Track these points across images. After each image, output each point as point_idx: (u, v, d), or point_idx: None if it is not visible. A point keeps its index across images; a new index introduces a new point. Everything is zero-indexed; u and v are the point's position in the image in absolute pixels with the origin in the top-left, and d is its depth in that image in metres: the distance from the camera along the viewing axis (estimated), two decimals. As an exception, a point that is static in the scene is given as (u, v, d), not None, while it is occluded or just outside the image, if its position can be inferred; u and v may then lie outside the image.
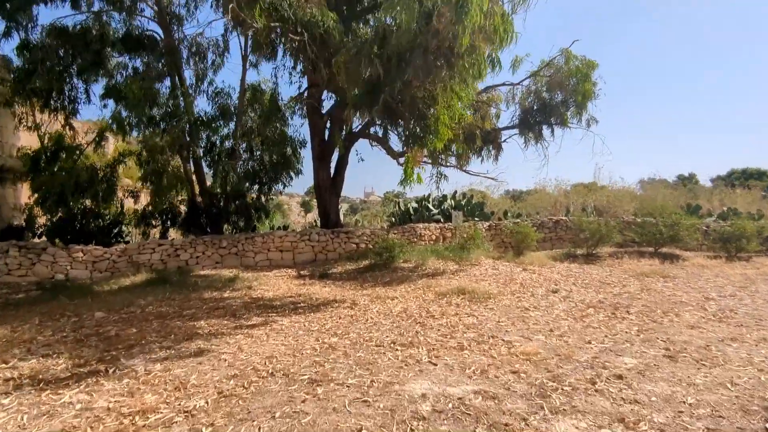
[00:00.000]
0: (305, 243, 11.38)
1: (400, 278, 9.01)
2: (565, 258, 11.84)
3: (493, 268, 9.98)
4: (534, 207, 18.69)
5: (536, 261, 11.02)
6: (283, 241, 11.21)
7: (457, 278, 8.83)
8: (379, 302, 6.89)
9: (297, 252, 11.33)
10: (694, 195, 21.08)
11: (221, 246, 10.87)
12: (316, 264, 11.26)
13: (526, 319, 5.77)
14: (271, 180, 12.78)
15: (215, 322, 5.96)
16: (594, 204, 15.83)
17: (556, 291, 7.38)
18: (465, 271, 9.62)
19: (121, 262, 10.18)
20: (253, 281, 9.23)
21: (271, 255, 11.18)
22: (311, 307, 6.87)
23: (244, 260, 11.03)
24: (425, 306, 6.52)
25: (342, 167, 12.85)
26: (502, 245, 13.45)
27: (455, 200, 15.28)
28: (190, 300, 7.57)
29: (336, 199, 12.79)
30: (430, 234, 12.94)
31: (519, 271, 9.61)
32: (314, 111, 11.87)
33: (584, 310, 6.29)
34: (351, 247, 11.72)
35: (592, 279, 8.72)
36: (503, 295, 7.10)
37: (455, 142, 8.63)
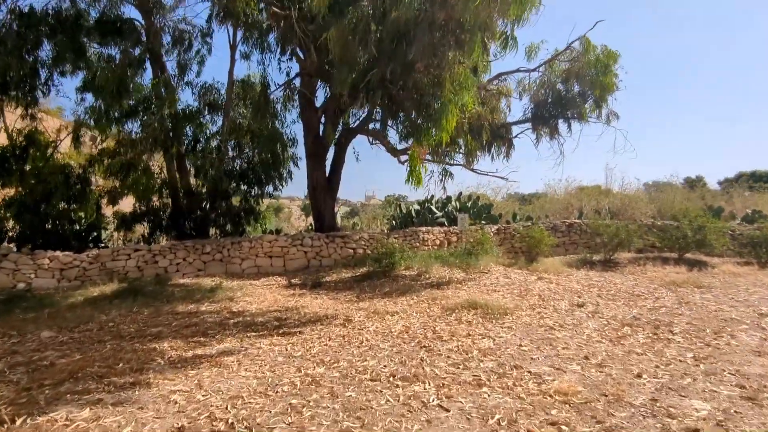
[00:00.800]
0: (297, 248, 10.45)
1: (402, 288, 8.08)
2: (581, 264, 10.91)
3: (504, 276, 9.04)
4: (543, 210, 17.74)
5: (551, 268, 10.09)
6: (272, 247, 10.29)
7: (465, 289, 7.89)
8: (376, 319, 5.95)
9: (288, 258, 10.40)
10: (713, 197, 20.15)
11: (204, 252, 9.94)
12: (308, 271, 10.33)
13: (552, 341, 4.83)
14: (261, 180, 11.87)
15: (180, 345, 5.03)
16: (608, 206, 14.89)
17: (582, 305, 6.43)
18: (474, 280, 8.68)
19: (93, 269, 9.26)
20: (237, 291, 8.30)
21: (260, 261, 10.25)
22: (298, 324, 5.94)
23: (229, 267, 10.10)
24: (431, 324, 5.58)
25: (338, 166, 11.93)
26: (512, 251, 12.51)
27: (460, 202, 14.35)
28: (160, 315, 6.64)
29: (331, 201, 11.87)
30: (433, 238, 12.00)
31: (534, 280, 8.67)
32: (307, 105, 10.97)
33: (619, 329, 5.35)
34: (347, 253, 10.79)
35: (617, 289, 7.78)
36: (521, 310, 6.16)
37: (463, 136, 7.69)
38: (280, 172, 12.05)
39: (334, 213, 12.18)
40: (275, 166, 11.69)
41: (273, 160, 11.56)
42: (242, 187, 11.92)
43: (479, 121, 8.32)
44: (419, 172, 7.52)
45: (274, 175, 11.95)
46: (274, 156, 11.49)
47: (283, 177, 12.43)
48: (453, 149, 8.57)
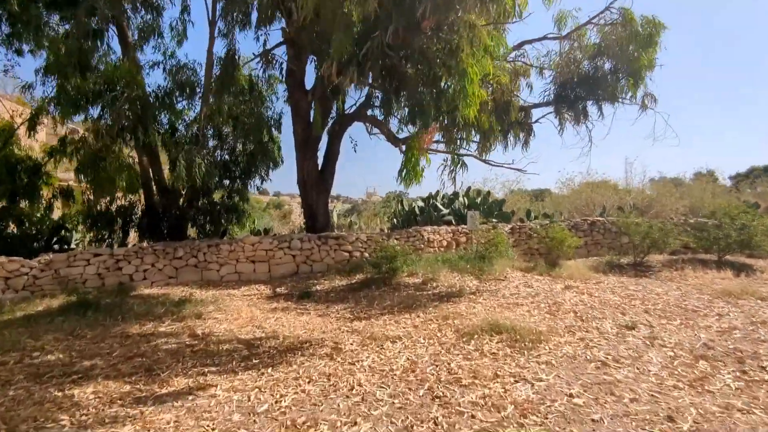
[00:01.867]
0: (284, 252, 9.20)
1: (405, 301, 6.83)
2: (608, 269, 9.66)
3: (525, 284, 7.80)
4: (558, 206, 16.46)
5: (576, 273, 8.85)
6: (255, 250, 9.03)
7: (481, 302, 6.64)
8: (373, 347, 4.70)
9: (274, 263, 9.15)
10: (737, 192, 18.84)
11: (176, 256, 8.69)
12: (297, 278, 9.08)
13: (613, 387, 3.57)
14: (244, 173, 10.59)
15: (110, 390, 3.80)
16: (633, 202, 13.60)
17: (632, 326, 5.17)
18: (490, 290, 7.44)
19: (45, 278, 8.02)
20: (209, 305, 7.05)
21: (241, 267, 9.00)
22: (273, 353, 4.70)
23: (206, 274, 8.86)
24: (444, 357, 4.32)
25: (332, 158, 10.66)
26: (528, 252, 11.26)
27: (469, 198, 13.08)
28: (105, 338, 5.41)
29: (324, 197, 10.61)
30: (440, 239, 10.75)
31: (561, 290, 7.42)
32: (296, 87, 9.68)
33: (693, 364, 4.09)
34: (342, 257, 9.54)
35: (665, 303, 6.51)
36: (558, 335, 4.90)
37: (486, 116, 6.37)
38: (267, 164, 10.76)
39: (328, 211, 10.93)
40: (261, 157, 10.42)
41: (259, 150, 10.28)
42: (224, 181, 10.65)
43: (504, 96, 6.96)
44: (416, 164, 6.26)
45: (260, 167, 10.67)
46: (259, 145, 10.21)
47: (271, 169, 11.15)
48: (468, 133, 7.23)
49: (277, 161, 11.12)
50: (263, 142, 10.32)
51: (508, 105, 7.06)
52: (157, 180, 10.22)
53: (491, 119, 6.65)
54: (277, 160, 11.07)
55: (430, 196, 13.98)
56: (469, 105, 5.01)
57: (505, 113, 7.17)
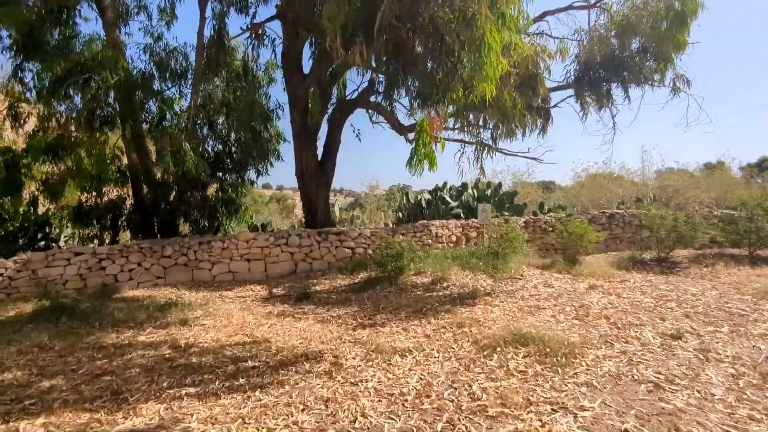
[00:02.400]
0: (281, 249, 8.57)
1: (413, 304, 6.19)
2: (631, 265, 9.02)
3: (545, 284, 7.15)
4: (571, 198, 15.76)
5: (598, 271, 8.20)
6: (250, 247, 8.40)
7: (499, 304, 5.99)
8: (380, 362, 4.06)
9: (270, 261, 8.52)
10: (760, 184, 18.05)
11: (164, 255, 8.08)
12: (296, 277, 8.46)
13: (675, 418, 2.92)
14: (240, 165, 9.94)
15: (63, 422, 3.18)
16: (652, 194, 12.87)
17: (678, 336, 4.50)
18: (507, 290, 6.79)
19: (21, 279, 7.43)
20: (197, 309, 6.44)
21: (235, 266, 8.38)
22: (263, 369, 4.07)
23: (197, 274, 8.24)
24: (464, 377, 3.68)
25: (332, 148, 10.00)
26: (543, 248, 10.60)
27: (478, 189, 12.38)
28: (75, 350, 4.80)
29: (325, 190, 9.95)
30: (449, 234, 10.09)
31: (585, 290, 6.77)
32: (293, 70, 8.99)
33: (763, 385, 3.43)
34: (344, 254, 8.90)
35: (705, 305, 5.84)
36: (594, 347, 4.24)
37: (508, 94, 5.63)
38: (263, 155, 10.11)
39: (329, 204, 10.28)
40: (257, 148, 9.75)
41: (253, 140, 9.61)
42: (218, 174, 10.00)
43: (529, 70, 6.18)
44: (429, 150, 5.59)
45: (256, 159, 10.01)
46: (253, 135, 9.54)
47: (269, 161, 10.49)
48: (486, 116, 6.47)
49: (275, 152, 10.46)
50: (258, 131, 9.66)
51: (535, 80, 6.26)
52: (146, 173, 9.58)
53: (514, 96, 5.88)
54: (274, 151, 10.40)
55: (437, 188, 13.31)
56: (487, 78, 4.30)
57: (531, 90, 6.39)
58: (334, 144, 9.95)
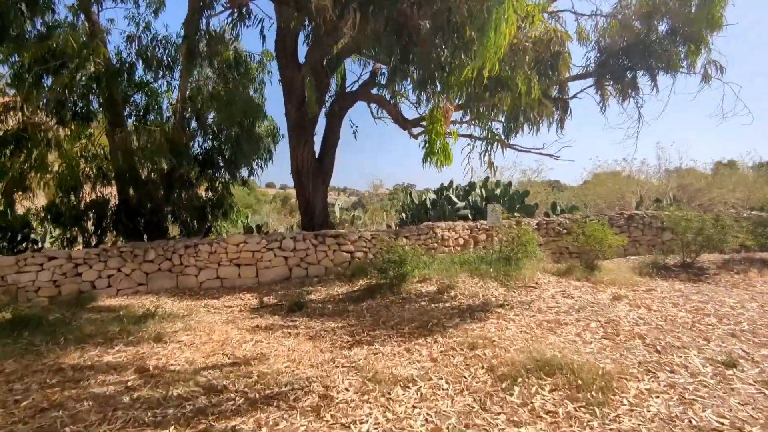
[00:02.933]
0: (274, 253, 7.95)
1: (418, 317, 5.55)
2: (654, 271, 8.38)
3: (563, 293, 6.49)
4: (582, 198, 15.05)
5: (620, 278, 7.56)
6: (240, 251, 7.78)
7: (514, 318, 5.34)
8: (377, 396, 3.42)
9: (262, 266, 7.91)
10: None
11: (147, 259, 7.47)
12: (290, 284, 7.84)
13: (759, 488, 2.25)
14: (231, 163, 9.31)
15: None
16: (672, 194, 12.15)
17: (733, 364, 3.83)
18: (521, 300, 6.14)
19: (-11, 286, 6.83)
20: (177, 321, 5.82)
21: (224, 271, 7.77)
22: (239, 405, 3.44)
23: (182, 280, 7.63)
24: (480, 416, 3.05)
25: (331, 144, 9.37)
26: (557, 252, 9.96)
27: (487, 189, 11.71)
28: (27, 374, 4.19)
29: (323, 189, 9.32)
30: (456, 237, 9.44)
31: (609, 301, 6.11)
32: (288, 59, 8.34)
33: None
34: (342, 258, 8.27)
35: (749, 321, 5.17)
36: (632, 377, 3.58)
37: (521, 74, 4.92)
38: (257, 151, 9.48)
39: (327, 205, 9.65)
40: (249, 144, 9.12)
41: (245, 136, 8.98)
42: (207, 171, 9.37)
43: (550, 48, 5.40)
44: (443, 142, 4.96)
45: (249, 156, 9.38)
46: (245, 130, 8.92)
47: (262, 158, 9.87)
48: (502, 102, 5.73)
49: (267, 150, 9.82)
50: (250, 127, 9.03)
51: (556, 59, 5.48)
52: (130, 170, 8.96)
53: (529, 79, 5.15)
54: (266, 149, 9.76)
55: (442, 187, 12.66)
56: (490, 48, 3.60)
57: (552, 70, 5.62)
58: (332, 139, 9.32)
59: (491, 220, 9.27)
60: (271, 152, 9.95)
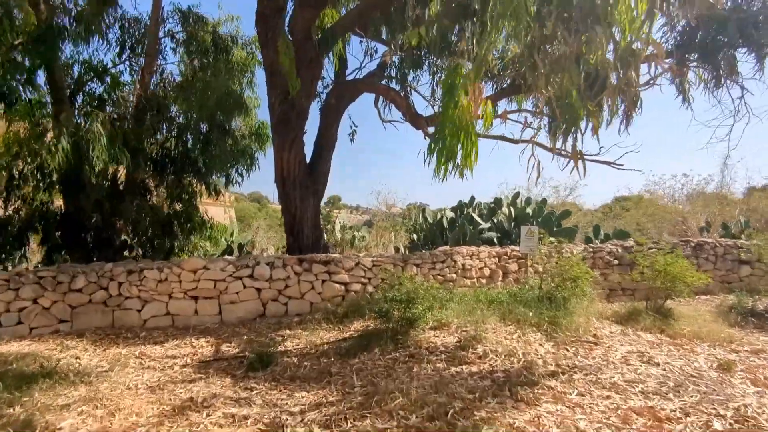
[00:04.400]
0: (244, 282, 6.25)
1: (431, 393, 3.79)
2: (740, 318, 6.54)
3: (639, 355, 4.71)
4: (629, 221, 13.18)
5: (704, 329, 5.80)
6: (198, 279, 6.09)
7: (578, 399, 3.56)
8: None
9: (228, 300, 6.20)
10: None
11: (74, 288, 5.82)
12: (262, 324, 6.12)
13: None
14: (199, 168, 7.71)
15: None
16: (743, 218, 10.24)
17: None
18: (581, 365, 4.35)
19: None
20: (81, 385, 4.14)
21: (177, 306, 6.08)
22: None
23: (120, 317, 5.96)
24: None
25: (326, 145, 7.76)
26: (608, 288, 8.11)
27: (516, 207, 9.93)
28: None
29: (314, 202, 7.65)
30: (480, 266, 7.67)
31: (714, 372, 4.29)
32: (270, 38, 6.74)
33: None
34: (333, 291, 6.54)
35: None
36: None
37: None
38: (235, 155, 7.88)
39: (319, 222, 7.95)
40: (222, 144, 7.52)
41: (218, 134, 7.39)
42: (169, 176, 7.76)
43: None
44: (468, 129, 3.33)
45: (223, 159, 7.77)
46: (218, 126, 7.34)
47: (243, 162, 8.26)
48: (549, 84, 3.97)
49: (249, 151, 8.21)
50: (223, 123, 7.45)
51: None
52: (77, 172, 7.39)
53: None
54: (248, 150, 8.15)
55: (461, 204, 10.93)
56: None
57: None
58: (328, 140, 7.71)
59: (526, 245, 7.48)
60: (252, 156, 8.35)
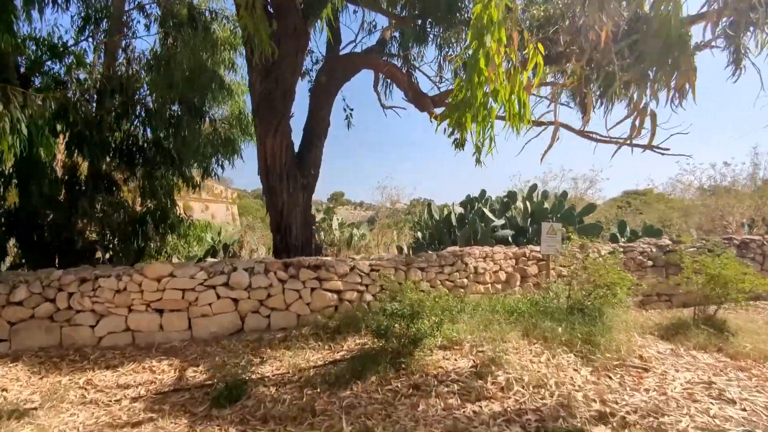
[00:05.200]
0: (218, 292, 5.34)
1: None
2: (808, 331, 5.52)
3: (705, 386, 3.82)
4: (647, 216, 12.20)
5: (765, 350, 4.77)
6: (164, 288, 5.19)
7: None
8: None
9: (199, 313, 5.31)
10: None
11: (13, 300, 4.94)
12: (240, 341, 5.22)
13: None
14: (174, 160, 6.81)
15: None
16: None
17: None
18: (634, 403, 3.43)
19: None
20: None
21: (137, 320, 5.19)
22: None
23: (69, 334, 5.09)
24: None
25: (316, 131, 6.85)
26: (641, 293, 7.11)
27: (532, 202, 8.97)
28: None
29: (304, 196, 6.74)
30: (494, 270, 6.76)
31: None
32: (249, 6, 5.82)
33: None
34: (325, 301, 5.64)
35: None
36: None
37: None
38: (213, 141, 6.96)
39: (311, 219, 7.04)
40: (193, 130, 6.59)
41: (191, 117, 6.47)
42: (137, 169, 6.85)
43: None
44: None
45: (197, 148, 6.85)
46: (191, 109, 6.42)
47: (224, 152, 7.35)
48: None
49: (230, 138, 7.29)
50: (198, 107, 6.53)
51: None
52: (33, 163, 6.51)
53: None
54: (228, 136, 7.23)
55: (470, 199, 9.98)
56: None
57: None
58: (319, 125, 6.79)
59: (547, 245, 6.55)
60: (235, 145, 7.44)
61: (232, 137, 7.46)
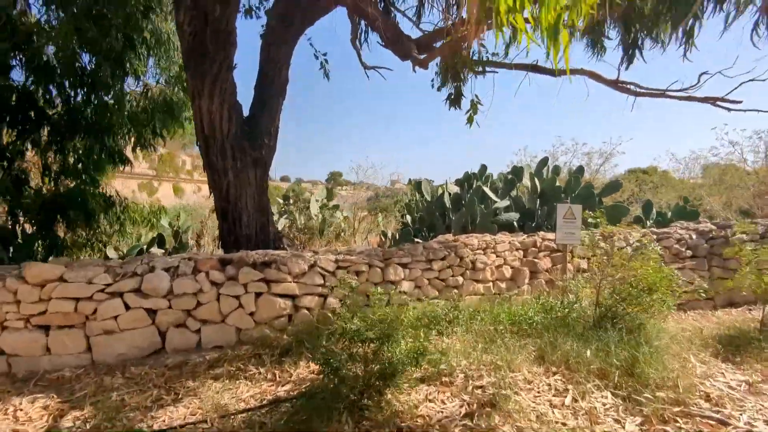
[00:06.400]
0: (127, 300, 4.03)
1: None
2: None
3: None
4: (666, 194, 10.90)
5: None
6: (50, 297, 3.87)
7: None
8: None
9: (100, 329, 4.00)
10: None
11: None
12: (157, 364, 3.93)
13: None
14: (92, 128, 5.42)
15: None
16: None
17: None
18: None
19: None
20: None
21: (14, 341, 3.89)
22: None
23: None
24: None
25: (271, 89, 5.49)
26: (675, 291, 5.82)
27: (542, 179, 7.63)
28: None
29: (257, 174, 5.40)
30: (497, 264, 5.48)
31: None
32: None
33: None
34: (275, 310, 4.36)
35: None
36: None
37: None
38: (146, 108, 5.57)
39: (266, 203, 5.70)
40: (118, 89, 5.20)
41: (110, 72, 5.08)
42: (42, 139, 5.46)
43: None
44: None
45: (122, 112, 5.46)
46: (107, 62, 5.01)
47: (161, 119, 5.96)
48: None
49: (169, 101, 5.89)
50: (118, 57, 5.12)
51: None
52: None
53: None
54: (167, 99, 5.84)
55: (468, 176, 8.65)
56: None
57: None
58: (274, 82, 5.40)
59: (564, 233, 5.25)
60: (174, 108, 6.04)
61: (171, 100, 6.06)
